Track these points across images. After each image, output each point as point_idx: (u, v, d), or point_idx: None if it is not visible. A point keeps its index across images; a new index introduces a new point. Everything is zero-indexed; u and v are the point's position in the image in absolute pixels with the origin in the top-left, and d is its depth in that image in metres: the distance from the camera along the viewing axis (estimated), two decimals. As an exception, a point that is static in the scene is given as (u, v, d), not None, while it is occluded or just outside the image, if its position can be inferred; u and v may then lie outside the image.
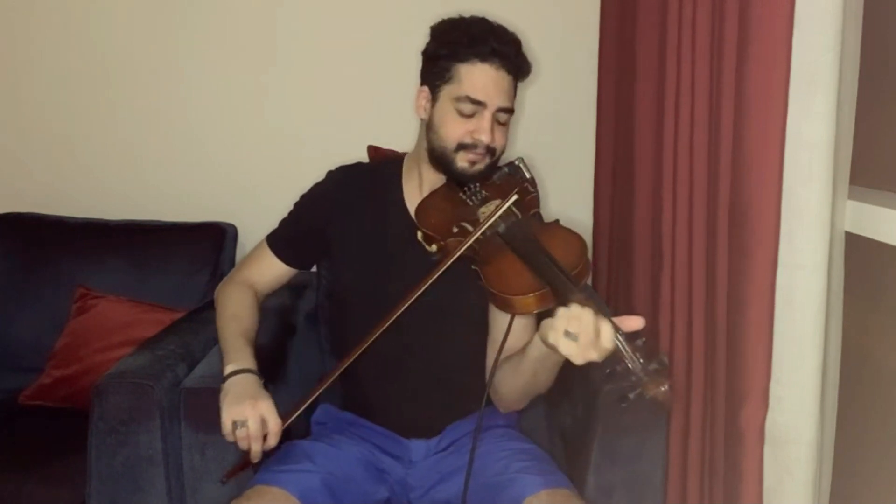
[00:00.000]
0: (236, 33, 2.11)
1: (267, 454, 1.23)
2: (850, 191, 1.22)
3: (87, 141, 2.17)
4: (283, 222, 1.50)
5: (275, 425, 1.20)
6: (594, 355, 1.00)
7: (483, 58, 1.27)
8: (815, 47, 1.10)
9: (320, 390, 1.23)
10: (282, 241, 1.48)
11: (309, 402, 1.23)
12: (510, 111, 1.32)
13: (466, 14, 1.33)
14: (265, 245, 1.49)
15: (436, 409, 1.40)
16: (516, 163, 1.35)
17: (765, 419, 1.22)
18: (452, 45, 1.29)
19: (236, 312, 1.40)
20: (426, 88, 1.34)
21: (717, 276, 1.32)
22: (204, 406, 1.36)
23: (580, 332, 1.00)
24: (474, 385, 1.35)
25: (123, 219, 2.08)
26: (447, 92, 1.30)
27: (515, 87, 1.34)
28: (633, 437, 1.33)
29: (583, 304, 1.02)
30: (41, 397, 1.79)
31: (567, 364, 1.14)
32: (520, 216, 1.27)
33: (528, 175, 1.37)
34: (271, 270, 1.48)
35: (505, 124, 1.33)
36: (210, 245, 2.02)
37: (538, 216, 1.36)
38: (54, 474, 1.52)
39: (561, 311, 1.03)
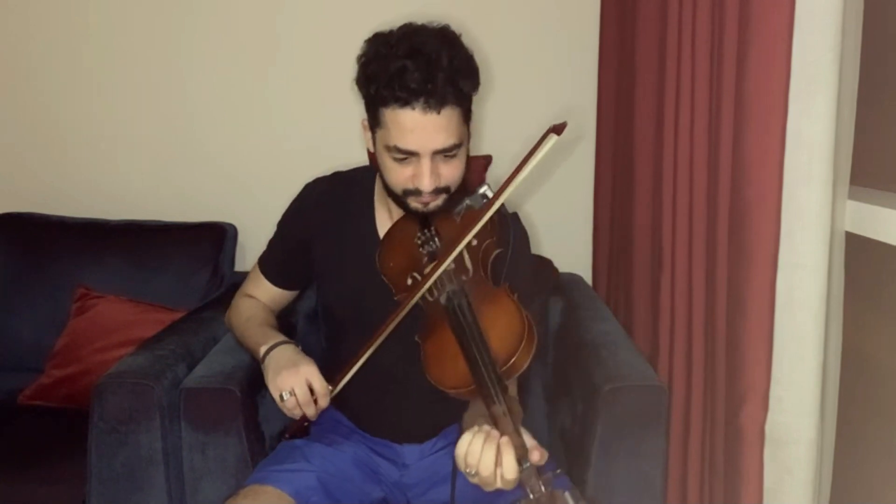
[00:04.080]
0: (237, 34, 2.12)
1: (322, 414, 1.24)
2: (850, 191, 1.22)
3: (87, 141, 2.17)
4: (270, 244, 1.46)
5: (321, 387, 1.21)
6: (497, 484, 0.96)
7: (404, 102, 1.10)
8: (815, 47, 1.10)
9: (361, 361, 1.22)
10: (271, 264, 1.45)
11: (353, 372, 1.23)
12: (453, 147, 1.15)
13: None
14: (257, 270, 1.47)
15: (427, 420, 1.39)
16: (482, 191, 1.16)
17: (765, 419, 1.22)
18: (373, 82, 1.13)
19: (250, 315, 1.41)
20: (366, 122, 1.23)
21: (717, 276, 1.32)
22: (204, 406, 1.36)
23: (480, 470, 0.95)
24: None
25: (123, 219, 2.08)
26: (380, 138, 1.17)
27: (465, 110, 1.18)
28: (633, 437, 1.34)
29: (496, 419, 0.97)
30: (41, 397, 1.79)
31: (567, 364, 1.14)
32: (470, 273, 1.15)
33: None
34: (269, 293, 1.46)
35: (453, 158, 1.17)
36: (210, 245, 2.02)
37: (502, 258, 1.23)
38: (54, 474, 1.52)
39: (460, 448, 0.97)
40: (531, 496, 0.93)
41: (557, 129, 1.09)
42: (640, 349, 1.56)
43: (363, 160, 1.64)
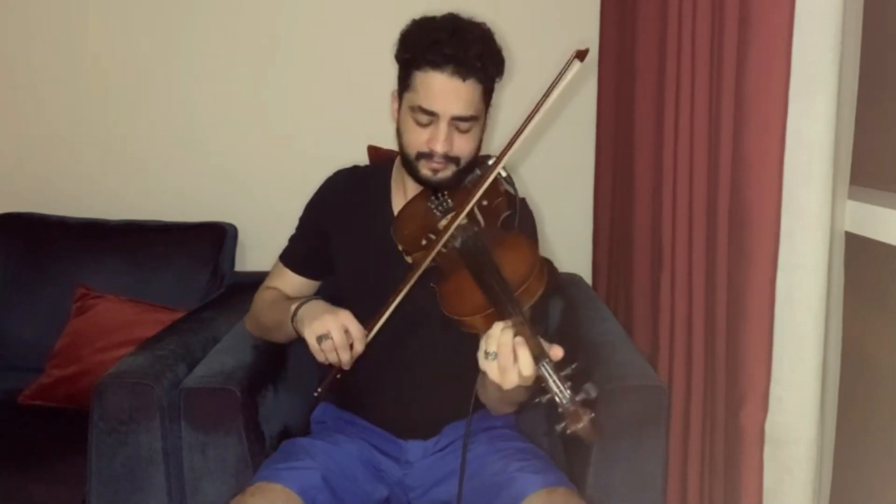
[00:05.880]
0: (237, 34, 2.12)
1: (357, 362, 1.24)
2: (850, 191, 1.22)
3: (87, 141, 2.17)
4: (292, 238, 1.50)
5: (357, 330, 1.22)
6: (515, 379, 0.99)
7: (435, 65, 1.21)
8: (815, 47, 1.09)
9: (390, 309, 1.23)
10: (294, 255, 1.49)
11: (385, 318, 1.24)
12: (471, 119, 1.25)
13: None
14: (280, 264, 1.50)
15: (431, 411, 1.40)
16: (489, 162, 1.28)
17: (765, 419, 1.22)
18: (410, 50, 1.25)
19: (276, 297, 1.44)
20: (396, 93, 1.33)
21: (717, 276, 1.32)
22: (204, 406, 1.36)
23: (498, 353, 0.99)
24: (469, 386, 1.34)
25: (123, 219, 2.08)
26: (406, 100, 1.27)
27: (487, 90, 1.28)
28: (632, 437, 1.34)
29: (511, 324, 1.01)
30: (41, 397, 1.79)
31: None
32: (482, 225, 1.25)
33: (503, 174, 1.31)
34: (292, 284, 1.48)
35: (468, 131, 1.27)
36: (210, 245, 2.02)
37: (512, 218, 1.31)
38: (54, 474, 1.52)
39: (482, 342, 1.02)
40: (553, 396, 0.97)
41: (581, 54, 1.20)
42: (640, 349, 1.56)
43: (363, 160, 1.64)
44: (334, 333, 1.20)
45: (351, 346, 1.22)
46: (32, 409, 1.77)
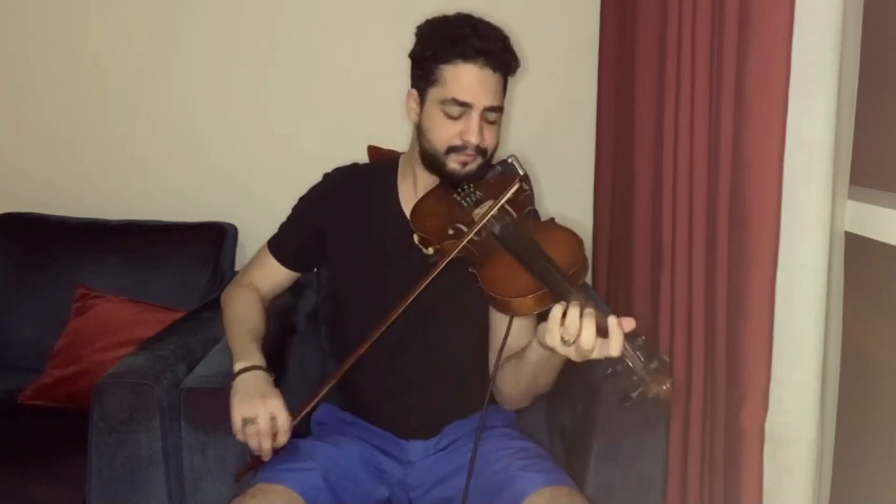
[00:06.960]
0: (237, 34, 2.12)
1: (276, 451, 1.23)
2: (850, 191, 1.22)
3: (87, 141, 2.17)
4: (283, 226, 1.50)
5: (284, 422, 1.21)
6: (595, 356, 1.03)
7: (466, 58, 1.25)
8: (815, 47, 1.10)
9: (327, 388, 1.23)
10: (282, 245, 1.49)
11: (316, 401, 1.24)
12: (499, 109, 1.30)
13: (463, 11, 1.32)
14: (266, 250, 1.50)
15: (433, 411, 1.41)
16: (509, 160, 1.33)
17: (765, 419, 1.22)
18: (435, 46, 1.27)
19: (243, 313, 1.42)
20: (415, 91, 1.34)
21: (717, 276, 1.32)
22: (204, 406, 1.36)
23: (580, 341, 1.02)
24: (472, 385, 1.35)
25: (123, 219, 2.08)
26: (433, 95, 1.29)
27: (505, 84, 1.31)
28: (632, 437, 1.34)
29: (581, 305, 1.03)
30: (41, 397, 1.79)
31: (567, 364, 1.15)
32: (514, 215, 1.27)
33: (521, 172, 1.34)
34: (273, 275, 1.49)
35: (494, 123, 1.31)
36: (210, 245, 2.02)
37: (533, 213, 1.35)
38: (54, 474, 1.52)
39: (555, 317, 1.04)
40: (629, 363, 1.01)
41: (522, 179, 1.29)
42: (639, 349, 1.56)
43: (363, 160, 1.64)
44: (260, 420, 1.19)
45: (275, 436, 1.21)
46: (32, 409, 1.77)
